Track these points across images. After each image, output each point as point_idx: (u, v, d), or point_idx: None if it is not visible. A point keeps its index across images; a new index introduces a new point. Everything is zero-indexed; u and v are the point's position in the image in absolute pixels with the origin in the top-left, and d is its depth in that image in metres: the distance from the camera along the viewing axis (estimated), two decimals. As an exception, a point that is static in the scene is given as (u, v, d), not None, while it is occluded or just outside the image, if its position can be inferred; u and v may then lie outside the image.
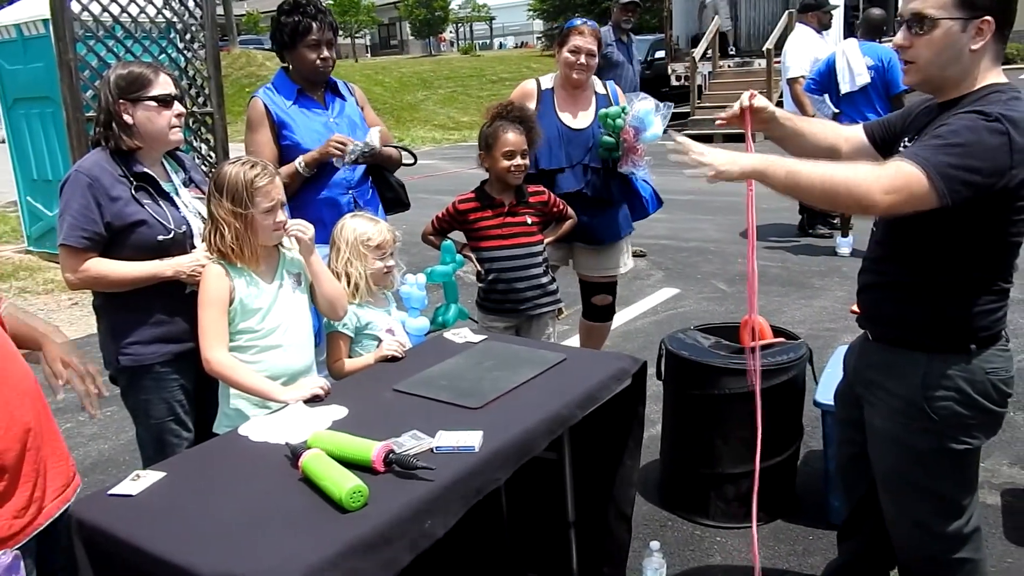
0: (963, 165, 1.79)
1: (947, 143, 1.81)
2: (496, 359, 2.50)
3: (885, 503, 2.21)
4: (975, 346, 1.98)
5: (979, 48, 1.88)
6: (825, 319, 5.33)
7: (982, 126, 1.81)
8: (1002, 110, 1.82)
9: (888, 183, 1.80)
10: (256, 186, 2.30)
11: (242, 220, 2.31)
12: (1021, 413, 3.81)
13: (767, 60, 14.05)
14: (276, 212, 2.36)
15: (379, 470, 1.79)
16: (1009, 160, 1.79)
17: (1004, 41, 1.91)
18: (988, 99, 1.87)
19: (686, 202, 9.50)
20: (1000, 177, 1.80)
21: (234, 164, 2.35)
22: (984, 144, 1.79)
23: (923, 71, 1.95)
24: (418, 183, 8.10)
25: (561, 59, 3.71)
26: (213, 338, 2.32)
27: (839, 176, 1.84)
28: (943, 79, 1.95)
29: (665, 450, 3.37)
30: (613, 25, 6.73)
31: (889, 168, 1.82)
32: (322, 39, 3.14)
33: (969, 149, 1.79)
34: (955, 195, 1.79)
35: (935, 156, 1.80)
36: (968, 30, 1.87)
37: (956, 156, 1.79)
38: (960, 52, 1.89)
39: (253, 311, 2.37)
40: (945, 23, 1.87)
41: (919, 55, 1.94)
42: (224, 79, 6.42)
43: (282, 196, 2.39)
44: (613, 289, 4.05)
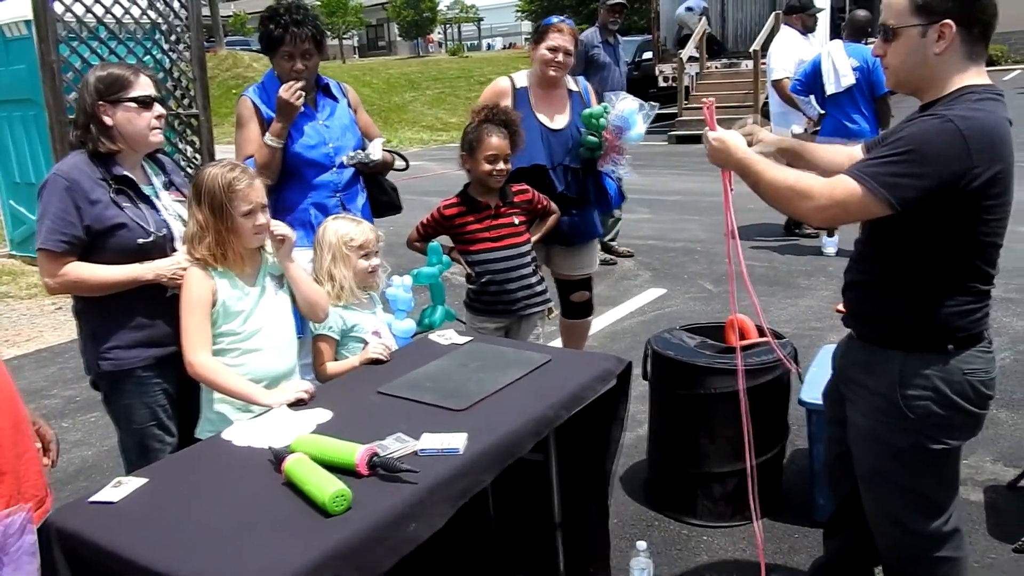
0: (908, 172, 1.84)
1: (894, 152, 1.88)
2: (481, 361, 2.50)
3: (866, 501, 2.23)
4: (953, 346, 1.99)
5: (943, 51, 1.91)
6: (811, 318, 5.35)
7: (932, 129, 1.85)
8: (962, 111, 1.85)
9: (825, 200, 1.94)
10: (235, 189, 2.30)
11: (222, 223, 2.31)
12: (1005, 411, 3.84)
13: (754, 61, 14.09)
14: (256, 215, 2.35)
15: (363, 473, 1.79)
16: (969, 160, 1.82)
17: (976, 41, 1.92)
18: (957, 101, 1.90)
19: (673, 202, 9.54)
20: (960, 178, 1.83)
21: (213, 167, 2.35)
22: (932, 147, 1.84)
23: (894, 76, 2.03)
24: (406, 184, 8.07)
25: (538, 56, 3.69)
26: (196, 341, 2.31)
27: (785, 184, 2.00)
28: (915, 82, 2.00)
29: (652, 450, 3.37)
30: (600, 27, 6.73)
31: (831, 183, 1.94)
32: (295, 51, 3.11)
33: (916, 155, 1.84)
34: (903, 200, 1.85)
35: (878, 167, 1.89)
36: (928, 35, 1.90)
37: (901, 164, 1.85)
38: (925, 57, 1.93)
39: (236, 313, 2.37)
40: (904, 31, 1.93)
41: (891, 62, 2.01)
42: (210, 80, 6.39)
43: (262, 199, 2.38)
44: (590, 285, 4.06)
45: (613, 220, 7.15)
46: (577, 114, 3.75)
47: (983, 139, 1.84)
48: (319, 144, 3.22)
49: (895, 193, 1.85)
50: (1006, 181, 1.90)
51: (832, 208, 1.94)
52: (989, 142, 1.85)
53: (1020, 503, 3.15)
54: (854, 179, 1.90)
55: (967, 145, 1.82)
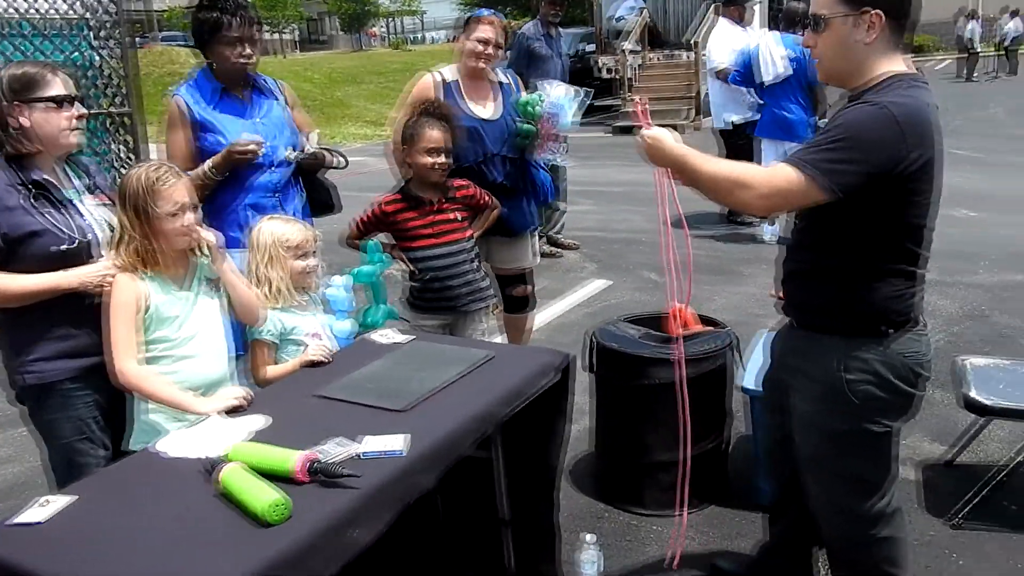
0: (847, 158, 1.87)
1: (831, 139, 1.91)
2: (423, 359, 2.47)
3: (808, 485, 2.26)
4: (890, 330, 2.04)
5: (872, 40, 1.95)
6: (752, 305, 5.43)
7: (867, 116, 1.89)
8: (894, 98, 1.89)
9: (765, 188, 1.95)
10: (156, 189, 2.22)
11: (147, 225, 2.23)
12: (939, 391, 3.93)
13: (693, 53, 14.24)
14: (182, 215, 2.27)
15: (302, 480, 1.75)
16: (904, 145, 1.86)
17: (902, 31, 1.97)
18: (887, 88, 1.93)
19: (617, 194, 9.59)
20: (896, 163, 1.86)
21: (137, 168, 2.28)
22: (869, 133, 1.87)
23: (825, 67, 2.07)
24: (348, 181, 7.97)
25: (466, 49, 3.64)
26: (123, 349, 2.23)
27: (725, 176, 2.01)
28: (845, 72, 2.03)
29: (598, 442, 3.38)
30: (540, 19, 6.72)
31: (770, 172, 1.97)
32: (241, 35, 3.02)
33: (853, 141, 1.88)
34: (843, 186, 1.88)
35: (816, 154, 1.91)
36: (858, 25, 1.94)
37: (840, 150, 1.88)
38: (854, 46, 1.96)
39: (168, 319, 2.30)
40: (835, 21, 1.96)
41: (821, 52, 2.04)
42: (145, 77, 6.23)
43: (188, 199, 2.29)
44: (529, 278, 4.05)
45: (559, 213, 7.17)
46: (508, 104, 3.73)
47: (915, 125, 1.88)
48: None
49: (835, 179, 1.87)
50: (935, 166, 1.95)
51: (773, 196, 1.96)
52: (920, 128, 1.89)
53: (955, 480, 3.23)
54: (794, 167, 1.91)
55: (902, 131, 1.86)
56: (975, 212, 7.37)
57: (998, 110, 14.85)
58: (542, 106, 3.65)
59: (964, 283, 5.54)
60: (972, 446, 3.39)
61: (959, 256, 6.04)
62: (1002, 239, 6.52)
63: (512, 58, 6.72)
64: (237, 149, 2.97)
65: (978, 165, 9.54)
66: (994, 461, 3.33)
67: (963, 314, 5.00)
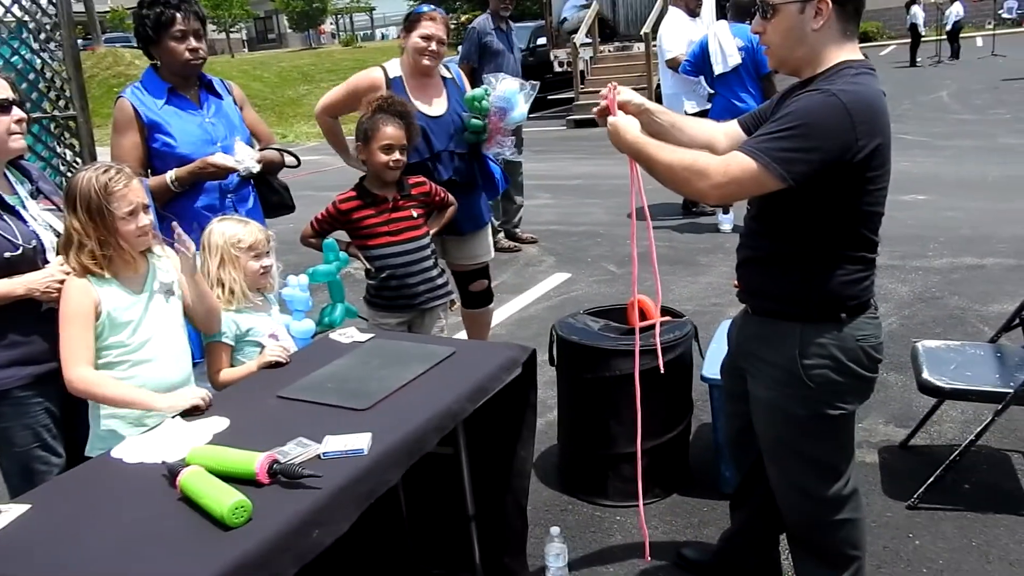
0: (800, 147, 1.89)
1: (783, 128, 1.91)
2: (384, 357, 2.45)
3: (770, 470, 2.29)
4: (845, 315, 2.06)
5: (821, 27, 1.97)
6: (711, 295, 5.48)
7: (817, 104, 1.90)
8: (843, 86, 1.91)
9: (720, 177, 1.96)
10: (111, 191, 2.17)
11: (102, 228, 2.18)
12: (895, 374, 4.01)
13: (645, 44, 14.33)
14: (138, 216, 2.23)
15: (263, 482, 1.73)
16: (853, 133, 1.88)
17: (849, 18, 1.99)
18: (836, 76, 1.96)
19: (574, 187, 9.63)
20: (847, 151, 1.89)
21: (86, 171, 2.21)
22: (820, 122, 1.89)
23: (776, 54, 2.08)
24: (303, 180, 7.90)
25: (410, 45, 3.63)
26: (74, 355, 2.18)
27: (680, 165, 2.02)
28: (796, 60, 2.05)
29: (562, 435, 3.39)
30: (491, 13, 6.69)
31: (725, 161, 1.97)
32: (188, 29, 2.97)
33: (805, 129, 1.89)
34: (796, 175, 1.90)
35: (770, 143, 1.92)
36: (807, 11, 1.96)
37: (792, 139, 1.90)
38: (804, 33, 1.98)
39: (123, 324, 2.25)
40: (785, 8, 1.98)
41: (771, 40, 2.06)
42: (90, 80, 6.10)
43: (143, 199, 2.25)
44: (487, 273, 4.05)
45: (516, 207, 7.17)
46: (455, 99, 3.72)
47: (865, 112, 1.90)
48: (207, 143, 3.07)
49: (788, 168, 1.89)
50: (886, 152, 1.97)
51: (728, 185, 1.96)
52: (871, 115, 1.91)
53: (911, 462, 3.30)
54: (748, 155, 1.93)
55: (851, 119, 1.88)
56: (924, 196, 7.53)
57: (942, 94, 15.18)
58: (489, 100, 3.65)
59: (915, 267, 5.66)
60: (927, 427, 3.46)
61: (910, 240, 6.17)
62: (951, 222, 6.67)
63: (464, 52, 6.70)
64: (210, 168, 2.94)
65: (925, 149, 9.75)
66: (948, 442, 3.40)
67: (915, 297, 5.10)
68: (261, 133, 3.38)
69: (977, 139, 10.31)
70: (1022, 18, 28.67)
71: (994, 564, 2.68)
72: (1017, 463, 3.24)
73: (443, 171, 3.63)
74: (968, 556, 2.73)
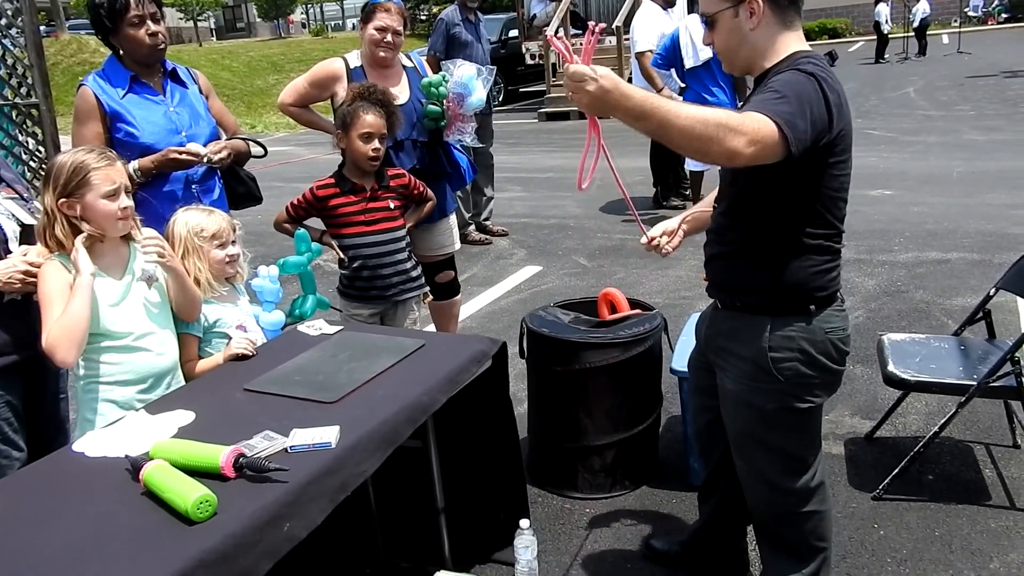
0: (800, 112, 1.81)
1: (781, 95, 1.83)
2: (353, 350, 2.43)
3: (737, 462, 2.31)
4: (814, 307, 2.08)
5: (758, 26, 1.99)
6: (681, 288, 5.51)
7: (803, 79, 1.89)
8: (809, 70, 1.91)
9: (754, 134, 1.74)
10: (94, 167, 2.15)
11: (82, 207, 2.15)
12: (860, 366, 4.06)
13: (617, 37, 14.34)
14: (119, 197, 2.19)
15: (229, 476, 1.71)
16: (827, 112, 1.88)
17: (786, 8, 1.99)
18: (796, 63, 1.96)
19: (545, 179, 9.63)
20: (823, 129, 1.88)
21: (68, 152, 2.19)
22: (810, 95, 1.86)
23: (726, 59, 2.11)
24: (272, 171, 7.83)
25: (367, 37, 3.63)
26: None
27: (712, 120, 1.73)
28: (744, 60, 2.07)
29: (532, 427, 3.39)
30: (460, 5, 6.65)
31: (755, 120, 1.77)
32: (144, 13, 2.90)
33: (800, 99, 1.84)
34: (799, 144, 1.79)
35: (779, 106, 1.79)
36: (740, 14, 1.99)
37: (793, 105, 1.81)
38: (743, 34, 2.01)
39: (105, 311, 2.21)
40: (720, 15, 2.02)
41: (719, 47, 2.09)
42: (54, 67, 5.98)
43: (125, 181, 2.23)
44: (453, 264, 4.05)
45: (486, 199, 7.16)
46: (415, 88, 3.71)
47: (834, 96, 1.90)
48: (171, 132, 3.02)
49: (796, 135, 1.78)
50: (849, 137, 1.99)
51: (757, 145, 1.76)
52: (838, 99, 1.92)
53: (877, 453, 3.34)
54: (768, 118, 1.77)
55: (826, 98, 1.88)
56: (890, 191, 7.62)
57: (909, 90, 15.38)
58: (447, 86, 3.64)
59: (881, 261, 5.72)
60: (892, 419, 3.50)
61: (876, 234, 6.24)
62: (916, 216, 6.76)
63: (432, 43, 6.68)
64: (173, 156, 2.90)
65: (892, 145, 9.87)
66: (913, 434, 3.45)
67: (881, 291, 5.17)
68: (227, 123, 3.33)
69: (943, 135, 10.46)
70: (987, 16, 29.15)
71: (956, 553, 2.72)
72: (979, 454, 3.29)
73: (405, 160, 3.62)
74: (931, 546, 2.77)
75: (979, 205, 6.96)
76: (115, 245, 2.27)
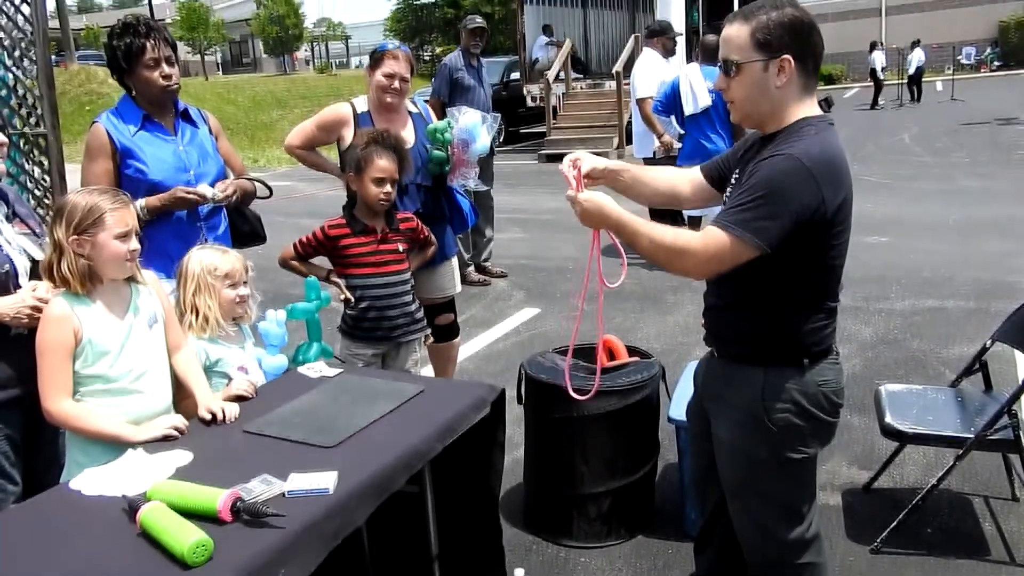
0: (770, 214, 1.93)
1: (752, 198, 1.96)
2: (352, 393, 2.44)
3: (733, 512, 2.30)
4: (808, 360, 2.10)
5: (784, 84, 2.02)
6: (679, 334, 5.52)
7: (782, 169, 1.95)
8: (805, 146, 1.96)
9: (701, 254, 2.01)
10: (109, 208, 2.17)
11: (91, 246, 2.16)
12: (858, 416, 4.06)
13: (616, 82, 14.53)
14: (130, 240, 2.21)
15: (226, 520, 1.71)
16: (818, 193, 1.93)
17: (810, 73, 2.05)
18: (798, 134, 2.01)
19: (545, 221, 9.68)
20: (815, 211, 1.94)
21: (82, 192, 2.21)
22: (787, 187, 1.93)
23: (740, 109, 2.12)
24: (274, 206, 7.84)
25: (374, 82, 3.70)
26: (53, 388, 2.14)
27: (663, 245, 2.04)
28: (759, 115, 2.10)
29: (528, 474, 3.38)
30: (463, 50, 6.78)
31: (703, 237, 2.00)
32: (159, 56, 2.98)
33: (773, 196, 1.93)
34: (770, 241, 1.94)
35: (741, 215, 1.97)
36: (770, 69, 2.01)
37: (761, 208, 1.94)
38: (767, 89, 2.03)
39: (105, 351, 2.20)
40: (748, 66, 2.02)
41: (735, 96, 2.10)
42: (62, 96, 6.05)
43: (136, 224, 2.25)
44: (453, 307, 4.07)
45: (486, 240, 7.19)
46: (421, 133, 3.78)
47: (829, 171, 1.95)
48: (180, 170, 3.07)
49: (762, 237, 1.93)
50: (848, 206, 2.03)
51: (710, 262, 2.01)
52: (834, 173, 1.97)
53: (875, 505, 3.33)
54: (722, 230, 1.97)
55: (816, 180, 1.93)
56: (886, 238, 7.67)
57: (904, 136, 15.54)
58: (452, 132, 3.70)
59: (878, 308, 5.74)
60: (890, 470, 3.49)
61: (872, 281, 6.28)
62: (912, 263, 6.80)
63: (435, 87, 6.80)
64: (180, 195, 2.94)
65: (887, 191, 9.96)
66: (911, 485, 3.44)
67: (878, 339, 5.18)
68: (234, 164, 3.38)
69: (938, 182, 10.56)
70: (980, 64, 29.58)
71: (954, 609, 2.70)
72: (978, 507, 3.28)
73: (409, 203, 3.67)
74: (928, 601, 2.75)
75: (975, 253, 7.01)
76: (116, 285, 2.28)
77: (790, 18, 1.98)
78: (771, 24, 1.98)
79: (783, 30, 1.98)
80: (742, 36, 2.01)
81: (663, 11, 13.81)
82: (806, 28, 2.00)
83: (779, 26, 1.97)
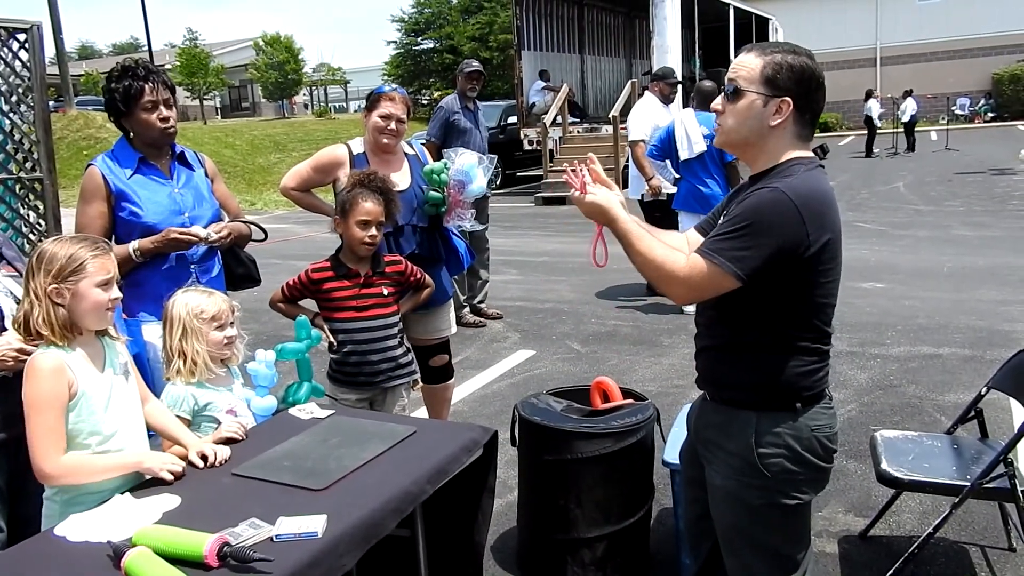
0: (750, 244, 1.95)
1: (734, 227, 1.98)
2: (343, 435, 2.42)
3: (726, 558, 2.27)
4: (800, 404, 2.09)
5: (778, 125, 2.04)
6: (674, 376, 5.50)
7: (766, 201, 1.96)
8: (793, 182, 1.98)
9: (684, 281, 2.01)
10: (91, 256, 2.09)
11: (71, 296, 2.07)
12: (854, 462, 4.03)
13: (613, 126, 14.68)
14: (111, 289, 2.15)
15: (212, 565, 1.68)
16: (802, 227, 1.94)
17: (805, 125, 2.08)
18: (788, 171, 2.02)
19: (541, 263, 9.71)
20: (798, 245, 1.94)
21: (58, 241, 2.13)
22: (770, 218, 1.94)
23: (727, 135, 2.14)
24: (271, 248, 7.87)
25: (371, 124, 3.72)
26: (50, 445, 2.03)
27: (654, 265, 2.05)
28: (745, 146, 2.12)
29: (522, 517, 3.34)
30: (459, 93, 6.86)
31: (688, 267, 2.01)
32: (158, 99, 3.00)
33: (755, 227, 1.95)
34: (746, 270, 1.95)
35: (722, 243, 1.98)
36: (769, 106, 2.04)
37: (743, 238, 1.95)
38: (761, 124, 2.05)
39: (95, 405, 2.13)
40: (750, 95, 2.05)
41: (726, 121, 2.12)
42: (59, 141, 6.09)
43: (117, 272, 2.19)
44: (448, 348, 4.05)
45: (482, 282, 7.20)
46: (417, 175, 3.79)
47: (815, 208, 1.96)
48: (175, 213, 3.07)
49: (740, 266, 1.94)
50: (836, 246, 2.03)
51: (692, 291, 2.04)
52: (820, 210, 1.98)
53: (871, 553, 3.29)
54: (703, 257, 1.98)
55: (800, 215, 1.94)
56: (881, 284, 7.69)
57: (899, 184, 15.67)
58: (448, 174, 3.72)
59: (874, 354, 5.74)
60: (886, 517, 3.45)
61: (868, 327, 6.27)
62: (907, 310, 6.81)
63: (432, 130, 6.86)
64: (174, 236, 2.95)
65: (882, 238, 10.01)
66: (907, 533, 3.40)
67: (874, 384, 5.16)
68: (230, 207, 3.39)
69: (932, 229, 10.61)
70: (974, 115, 29.95)
71: (953, 660, 2.65)
72: (975, 557, 3.24)
73: (405, 245, 3.67)
74: (927, 651, 2.70)
75: (969, 300, 7.02)
76: (90, 338, 2.19)
77: (802, 67, 2.02)
78: (784, 65, 2.01)
79: (792, 74, 2.01)
80: (754, 66, 2.04)
81: (660, 58, 14.01)
82: (814, 82, 2.04)
83: (790, 69, 2.01)
